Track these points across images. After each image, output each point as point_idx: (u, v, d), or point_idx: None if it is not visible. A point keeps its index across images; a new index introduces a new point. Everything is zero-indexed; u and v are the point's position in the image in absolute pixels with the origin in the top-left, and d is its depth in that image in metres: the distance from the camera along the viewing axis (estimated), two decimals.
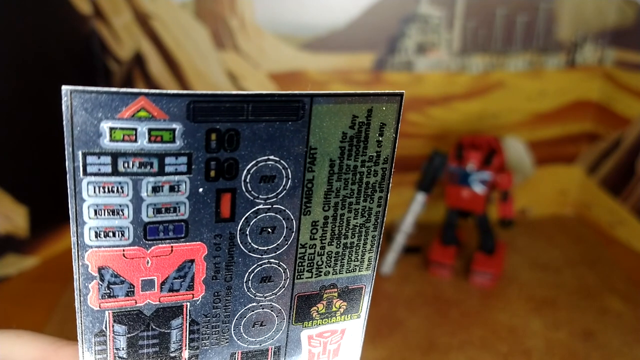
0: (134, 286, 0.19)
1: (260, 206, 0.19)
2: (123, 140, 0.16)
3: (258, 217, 0.19)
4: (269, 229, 0.20)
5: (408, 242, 0.72)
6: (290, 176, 0.19)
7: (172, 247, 0.18)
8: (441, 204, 0.75)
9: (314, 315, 0.22)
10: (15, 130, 0.65)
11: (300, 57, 0.76)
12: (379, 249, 0.22)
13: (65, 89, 0.15)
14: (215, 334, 0.21)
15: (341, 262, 0.22)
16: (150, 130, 0.17)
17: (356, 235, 0.21)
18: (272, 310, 0.21)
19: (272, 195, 0.19)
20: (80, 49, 0.73)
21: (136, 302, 0.19)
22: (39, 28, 0.67)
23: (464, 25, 0.77)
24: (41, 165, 0.69)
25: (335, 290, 0.22)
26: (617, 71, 0.79)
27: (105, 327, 0.19)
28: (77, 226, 0.17)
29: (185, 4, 0.72)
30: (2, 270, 0.67)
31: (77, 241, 0.17)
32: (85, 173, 0.17)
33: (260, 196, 0.19)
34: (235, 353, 0.22)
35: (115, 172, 0.17)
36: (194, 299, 0.20)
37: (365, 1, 0.74)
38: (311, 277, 0.21)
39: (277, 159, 0.18)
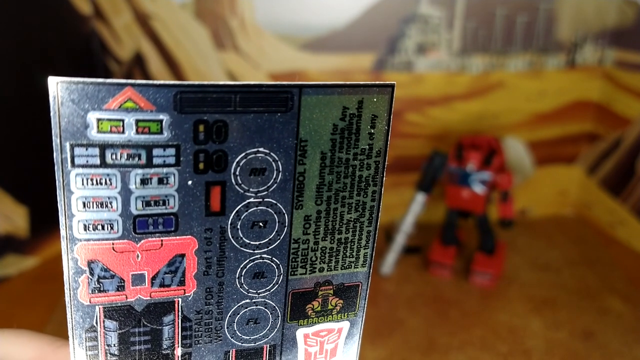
0: (124, 281, 0.18)
1: (251, 200, 0.19)
2: (110, 132, 0.16)
3: (249, 210, 0.19)
4: (261, 223, 0.19)
5: (408, 242, 0.72)
6: (280, 169, 0.19)
7: (162, 240, 0.18)
8: (441, 204, 0.75)
9: (309, 313, 0.22)
10: (15, 131, 0.65)
11: (300, 57, 0.76)
12: (375, 245, 0.22)
13: (52, 79, 0.15)
14: (208, 331, 0.20)
15: (336, 258, 0.21)
16: (137, 121, 0.16)
17: (350, 230, 0.21)
18: (266, 308, 0.21)
19: (263, 188, 0.19)
20: (80, 49, 0.73)
21: (127, 297, 0.19)
22: (39, 28, 0.67)
23: (464, 25, 0.77)
24: (41, 165, 0.69)
25: (331, 287, 0.22)
26: (617, 71, 0.79)
27: (96, 323, 0.19)
28: (65, 219, 0.17)
29: (185, 4, 0.72)
30: (2, 270, 0.67)
31: (67, 234, 0.17)
32: (73, 165, 0.16)
33: (251, 189, 0.19)
34: (229, 351, 0.21)
35: (103, 163, 0.17)
36: (186, 294, 0.19)
37: (365, 1, 0.74)
38: (305, 273, 0.21)
39: (267, 151, 0.18)
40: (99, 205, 0.17)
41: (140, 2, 0.71)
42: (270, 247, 0.20)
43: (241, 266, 0.20)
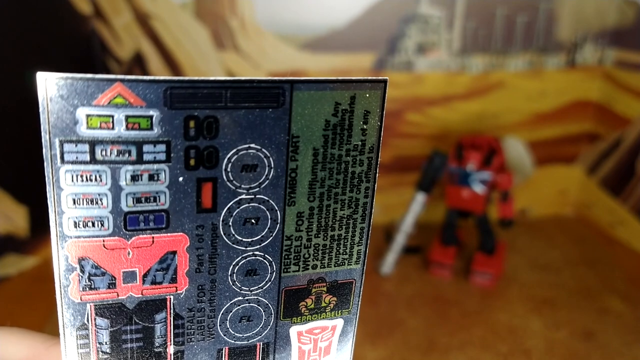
0: (115, 278, 0.18)
1: (243, 196, 0.19)
2: (100, 128, 0.16)
3: (241, 207, 0.19)
4: (253, 220, 0.19)
5: (408, 242, 0.72)
6: (272, 165, 0.18)
7: (153, 237, 0.18)
8: (441, 204, 0.75)
9: (302, 311, 0.22)
10: (15, 131, 0.65)
11: (300, 57, 0.76)
12: (368, 242, 0.22)
13: (40, 75, 0.15)
14: (200, 329, 0.20)
15: (329, 255, 0.21)
16: (127, 117, 0.16)
17: (343, 227, 0.21)
18: (258, 305, 0.21)
19: (255, 185, 0.19)
20: (80, 49, 0.73)
21: (118, 295, 0.18)
22: (40, 28, 0.67)
23: (464, 25, 0.77)
24: (41, 165, 0.69)
25: (324, 284, 0.22)
26: (617, 71, 0.79)
27: (87, 321, 0.18)
28: (55, 216, 0.17)
29: (185, 4, 0.72)
30: (2, 270, 0.67)
31: (57, 231, 0.17)
32: (62, 161, 0.16)
33: (243, 186, 0.18)
34: (222, 349, 0.21)
35: (93, 160, 0.16)
36: (178, 292, 0.19)
37: (365, 1, 0.74)
38: (298, 270, 0.21)
39: (259, 147, 0.18)
40: (89, 202, 0.17)
41: (140, 2, 0.71)
42: (262, 244, 0.20)
43: (233, 263, 0.20)
